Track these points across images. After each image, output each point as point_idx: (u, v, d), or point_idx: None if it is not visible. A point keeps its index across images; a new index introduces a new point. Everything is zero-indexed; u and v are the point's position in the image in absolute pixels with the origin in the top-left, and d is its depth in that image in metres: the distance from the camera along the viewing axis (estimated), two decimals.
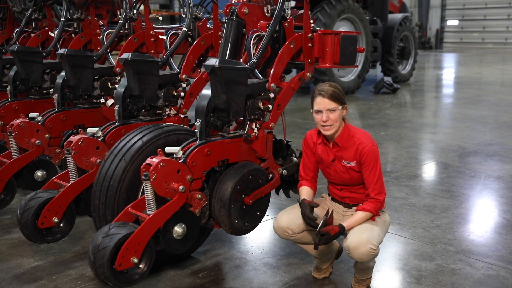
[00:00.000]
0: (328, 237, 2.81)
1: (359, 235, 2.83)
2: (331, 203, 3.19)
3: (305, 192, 3.10)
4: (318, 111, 2.92)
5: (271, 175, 3.36)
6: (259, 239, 3.87)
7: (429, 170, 5.93)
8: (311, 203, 2.93)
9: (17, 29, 5.52)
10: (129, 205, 2.92)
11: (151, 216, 2.77)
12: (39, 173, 4.09)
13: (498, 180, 5.42)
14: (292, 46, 3.28)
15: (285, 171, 3.43)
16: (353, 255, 2.84)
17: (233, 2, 3.67)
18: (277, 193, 3.62)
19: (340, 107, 2.91)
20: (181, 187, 2.80)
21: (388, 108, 10.33)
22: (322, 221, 2.81)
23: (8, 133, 3.91)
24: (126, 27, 4.53)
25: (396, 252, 3.68)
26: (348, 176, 3.01)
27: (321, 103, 2.90)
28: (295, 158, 3.51)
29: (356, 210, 2.98)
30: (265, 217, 3.46)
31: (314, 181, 3.16)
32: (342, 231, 2.86)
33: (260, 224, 3.30)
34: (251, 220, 3.20)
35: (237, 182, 3.04)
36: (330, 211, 2.88)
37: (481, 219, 4.41)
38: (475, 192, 5.08)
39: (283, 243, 3.76)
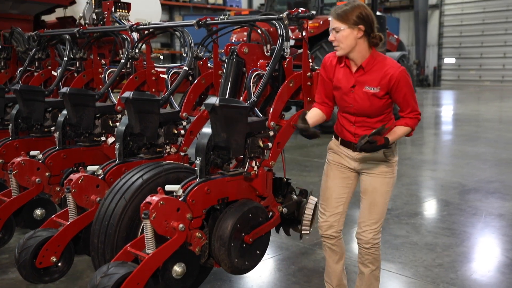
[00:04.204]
0: (374, 146, 2.78)
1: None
2: (340, 148, 3.11)
3: (312, 111, 3.08)
4: (330, 32, 2.90)
5: (271, 213, 3.35)
6: (259, 278, 3.82)
7: (429, 208, 5.90)
8: (305, 111, 3.00)
9: (20, 68, 5.60)
10: (128, 244, 2.90)
11: (150, 255, 2.74)
12: (38, 212, 4.06)
13: (500, 218, 5.39)
14: (291, 84, 3.32)
15: (285, 209, 3.41)
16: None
17: (233, 41, 3.73)
18: (277, 231, 3.59)
19: (345, 27, 2.80)
20: (180, 225, 2.78)
21: None
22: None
23: (9, 172, 3.91)
24: (128, 66, 4.59)
25: None
26: (368, 104, 2.89)
27: (330, 23, 2.88)
28: (295, 196, 3.50)
29: (396, 125, 2.93)
30: (265, 256, 3.43)
31: (327, 105, 3.10)
32: (387, 144, 2.84)
33: (260, 263, 3.27)
34: (251, 259, 3.17)
35: (237, 220, 3.02)
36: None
37: (483, 258, 4.36)
38: (476, 230, 5.05)
39: (283, 283, 3.71)
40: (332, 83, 3.03)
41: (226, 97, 3.41)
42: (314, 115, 3.09)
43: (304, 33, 3.34)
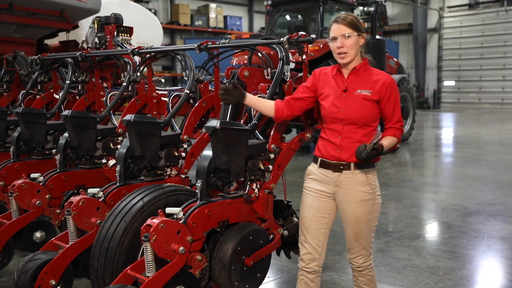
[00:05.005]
0: (378, 152, 2.76)
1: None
2: (319, 171, 3.02)
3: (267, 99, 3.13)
4: (334, 38, 2.91)
5: (271, 236, 3.34)
6: None
7: (431, 230, 5.88)
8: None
9: (22, 91, 5.64)
10: (128, 267, 2.89)
11: (150, 278, 2.73)
12: (38, 234, 4.06)
13: (502, 240, 5.36)
14: None
15: (285, 232, 3.40)
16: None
17: (234, 65, 3.77)
18: (278, 254, 3.58)
19: (355, 34, 2.88)
20: (181, 248, 2.78)
21: (389, 167, 10.35)
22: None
23: (9, 194, 3.91)
24: (129, 89, 4.63)
25: None
26: (358, 106, 2.89)
27: (336, 29, 2.90)
28: (295, 219, 3.49)
29: (382, 136, 2.91)
30: (266, 279, 3.40)
31: (287, 105, 3.04)
32: (382, 150, 2.83)
33: (261, 286, 3.24)
34: (251, 282, 3.15)
35: (237, 243, 3.02)
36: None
37: (486, 281, 4.33)
38: (478, 253, 5.01)
39: None
40: (316, 94, 3.04)
41: (227, 120, 3.43)
42: (263, 100, 3.11)
43: (304, 57, 3.38)
